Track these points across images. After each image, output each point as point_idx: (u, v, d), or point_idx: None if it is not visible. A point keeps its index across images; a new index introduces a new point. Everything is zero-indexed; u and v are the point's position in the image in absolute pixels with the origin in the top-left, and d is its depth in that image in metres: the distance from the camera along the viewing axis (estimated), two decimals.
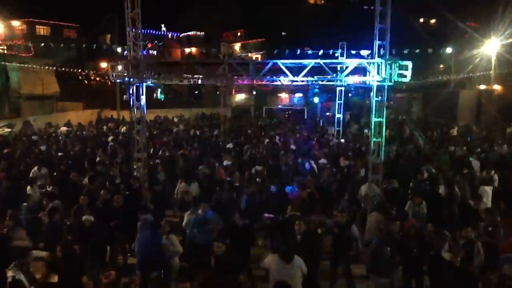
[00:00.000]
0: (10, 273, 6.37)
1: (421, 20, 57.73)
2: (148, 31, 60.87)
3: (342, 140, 20.97)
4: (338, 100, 21.53)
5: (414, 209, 10.27)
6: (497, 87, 30.29)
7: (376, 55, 11.01)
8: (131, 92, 12.56)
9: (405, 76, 10.99)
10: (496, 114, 26.79)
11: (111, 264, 9.34)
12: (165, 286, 7.45)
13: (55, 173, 14.06)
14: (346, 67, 12.23)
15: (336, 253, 8.73)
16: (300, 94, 43.91)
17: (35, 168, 13.69)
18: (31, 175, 13.31)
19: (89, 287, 7.77)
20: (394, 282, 7.80)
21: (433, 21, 60.93)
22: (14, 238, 8.09)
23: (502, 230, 8.75)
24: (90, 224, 8.88)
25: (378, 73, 11.04)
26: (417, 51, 18.35)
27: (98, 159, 15.70)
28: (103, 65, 38.26)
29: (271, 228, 9.64)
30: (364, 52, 13.27)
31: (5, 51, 35.26)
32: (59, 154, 17.16)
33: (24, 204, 10.22)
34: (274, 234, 9.45)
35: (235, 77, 14.09)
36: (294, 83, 13.48)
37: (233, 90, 40.07)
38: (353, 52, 14.99)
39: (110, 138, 20.94)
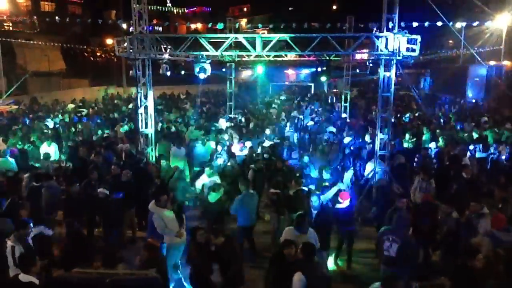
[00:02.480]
0: (9, 243, 6.49)
1: None
2: (153, 7, 60.18)
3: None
4: (345, 76, 21.31)
5: (422, 185, 10.27)
6: (507, 63, 29.83)
7: (385, 29, 10.84)
8: (137, 67, 12.51)
9: (413, 50, 10.84)
10: (506, 90, 26.44)
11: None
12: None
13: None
14: (354, 42, 12.05)
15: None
16: (307, 71, 43.42)
17: (44, 144, 13.81)
18: (41, 150, 13.46)
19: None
20: None
21: None
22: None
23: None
24: (105, 196, 9.03)
25: (386, 47, 10.89)
26: (426, 24, 17.95)
27: (105, 135, 15.82)
28: (109, 41, 38.05)
29: (277, 203, 9.69)
30: (372, 26, 13.08)
31: (11, 28, 35.11)
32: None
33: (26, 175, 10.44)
34: (281, 209, 9.57)
35: (241, 52, 13.98)
36: (301, 58, 13.37)
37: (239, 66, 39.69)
38: (361, 25, 14.72)
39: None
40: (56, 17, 25.05)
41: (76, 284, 4.75)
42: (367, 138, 14.90)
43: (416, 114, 22.12)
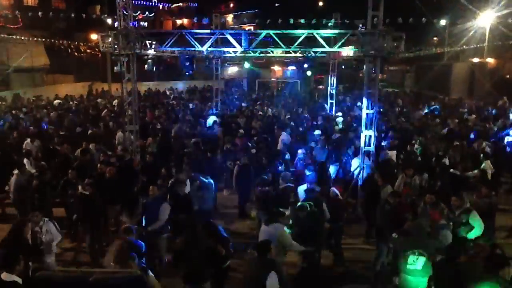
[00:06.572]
0: None
1: None
2: (139, 2, 59.59)
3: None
4: (331, 72, 21.34)
5: (406, 181, 10.33)
6: (490, 60, 30.22)
7: (370, 26, 10.86)
8: (121, 63, 12.36)
9: (398, 48, 10.90)
10: (489, 87, 26.84)
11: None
12: None
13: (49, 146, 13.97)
14: (340, 38, 12.03)
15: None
16: (293, 67, 43.50)
17: (28, 140, 13.61)
18: (24, 147, 13.25)
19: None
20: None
21: None
22: None
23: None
24: (89, 195, 8.86)
25: (371, 44, 10.92)
26: (411, 20, 18.14)
27: (89, 132, 15.64)
28: (93, 36, 37.54)
29: (262, 200, 9.66)
30: (358, 23, 13.10)
31: None
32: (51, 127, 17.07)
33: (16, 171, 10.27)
34: (266, 206, 9.52)
35: (227, 48, 13.88)
36: (287, 55, 13.35)
37: (226, 63, 39.63)
38: (347, 22, 14.75)
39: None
40: (39, 12, 24.55)
41: (59, 283, 4.68)
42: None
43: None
